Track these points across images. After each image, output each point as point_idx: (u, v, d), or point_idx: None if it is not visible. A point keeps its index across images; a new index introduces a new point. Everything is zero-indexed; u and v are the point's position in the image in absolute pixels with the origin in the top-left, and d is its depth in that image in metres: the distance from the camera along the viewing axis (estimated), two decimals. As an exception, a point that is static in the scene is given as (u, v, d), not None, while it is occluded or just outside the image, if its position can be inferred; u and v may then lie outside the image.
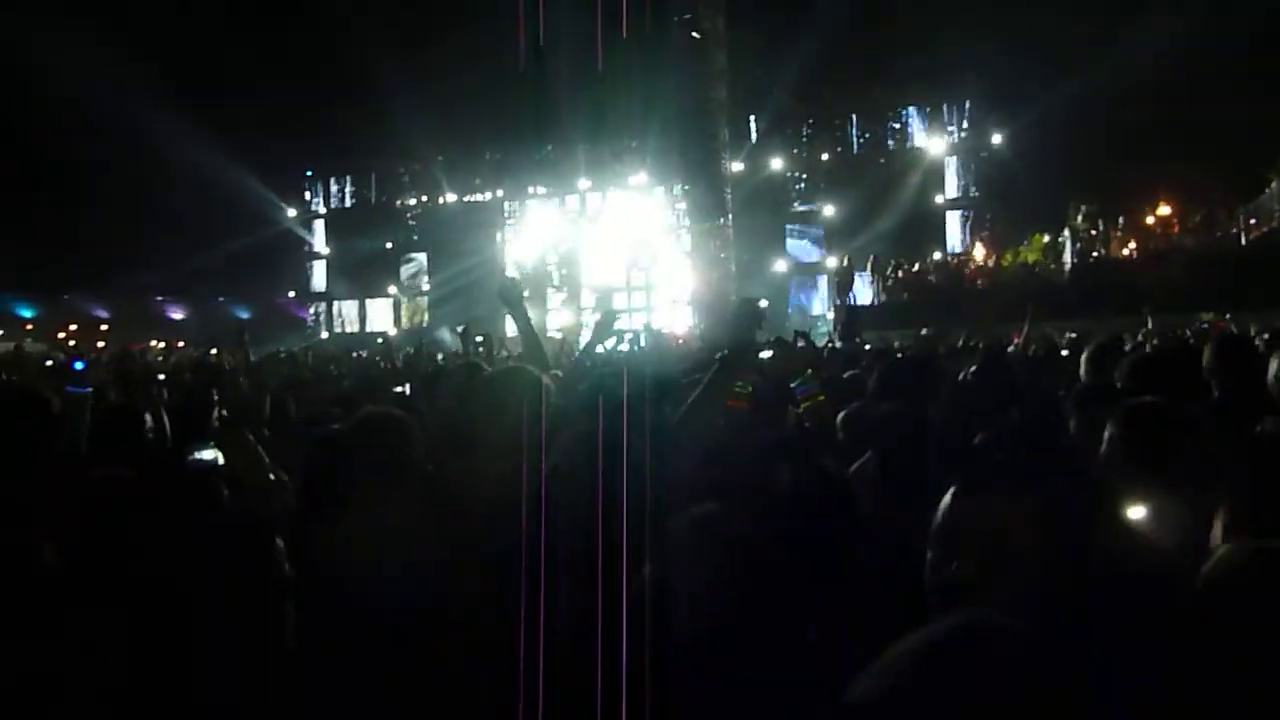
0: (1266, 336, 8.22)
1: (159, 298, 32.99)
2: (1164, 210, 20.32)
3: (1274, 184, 18.23)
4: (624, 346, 3.82)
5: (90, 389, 3.56)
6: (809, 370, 4.40)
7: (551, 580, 2.02)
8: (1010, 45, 20.97)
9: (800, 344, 6.39)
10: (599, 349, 3.92)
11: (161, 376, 6.41)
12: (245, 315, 30.45)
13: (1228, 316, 12.86)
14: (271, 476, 2.80)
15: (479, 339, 8.70)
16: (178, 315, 32.84)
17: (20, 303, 30.75)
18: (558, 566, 2.06)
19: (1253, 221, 18.61)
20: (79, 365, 3.78)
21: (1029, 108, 22.81)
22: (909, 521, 1.99)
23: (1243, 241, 18.61)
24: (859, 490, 2.76)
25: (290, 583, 2.13)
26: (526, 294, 3.83)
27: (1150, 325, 10.22)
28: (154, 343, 18.00)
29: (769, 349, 4.77)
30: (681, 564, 1.83)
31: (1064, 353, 7.55)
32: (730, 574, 1.81)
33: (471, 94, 24.46)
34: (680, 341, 13.30)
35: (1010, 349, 7.66)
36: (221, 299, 32.00)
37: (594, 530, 2.07)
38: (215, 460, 3.21)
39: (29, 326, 29.82)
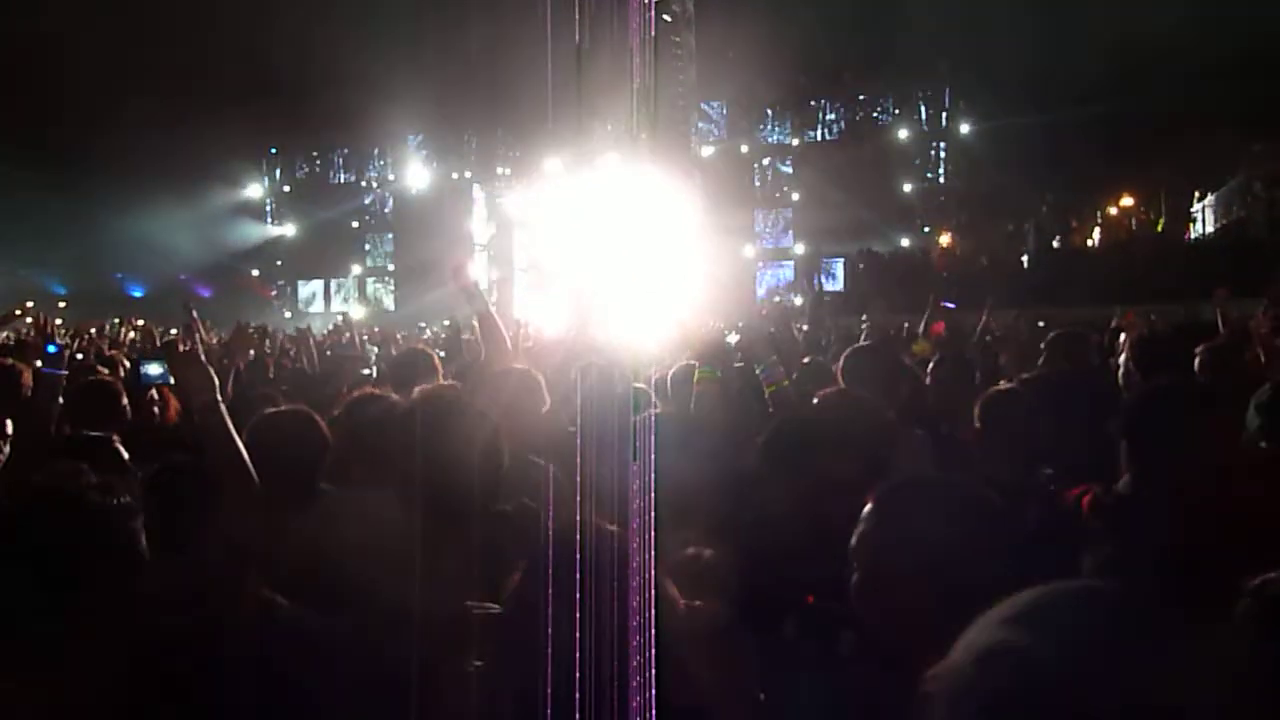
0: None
1: (118, 275, 32.35)
2: (1127, 201, 20.55)
3: (1237, 176, 18.45)
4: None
5: (64, 371, 3.57)
6: (773, 356, 4.43)
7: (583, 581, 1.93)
8: (982, 36, 21.04)
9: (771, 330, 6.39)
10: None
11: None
12: (206, 294, 29.92)
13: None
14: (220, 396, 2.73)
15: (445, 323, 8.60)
16: (137, 293, 32.22)
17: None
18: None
19: (1213, 213, 18.87)
20: (52, 348, 3.66)
21: (998, 99, 22.95)
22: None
23: (1202, 233, 18.85)
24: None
25: (139, 561, 1.79)
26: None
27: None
28: (116, 320, 17.62)
29: (735, 334, 4.77)
30: None
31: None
32: None
33: (442, 72, 24.18)
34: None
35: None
36: (184, 276, 31.40)
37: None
38: (164, 375, 3.36)
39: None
